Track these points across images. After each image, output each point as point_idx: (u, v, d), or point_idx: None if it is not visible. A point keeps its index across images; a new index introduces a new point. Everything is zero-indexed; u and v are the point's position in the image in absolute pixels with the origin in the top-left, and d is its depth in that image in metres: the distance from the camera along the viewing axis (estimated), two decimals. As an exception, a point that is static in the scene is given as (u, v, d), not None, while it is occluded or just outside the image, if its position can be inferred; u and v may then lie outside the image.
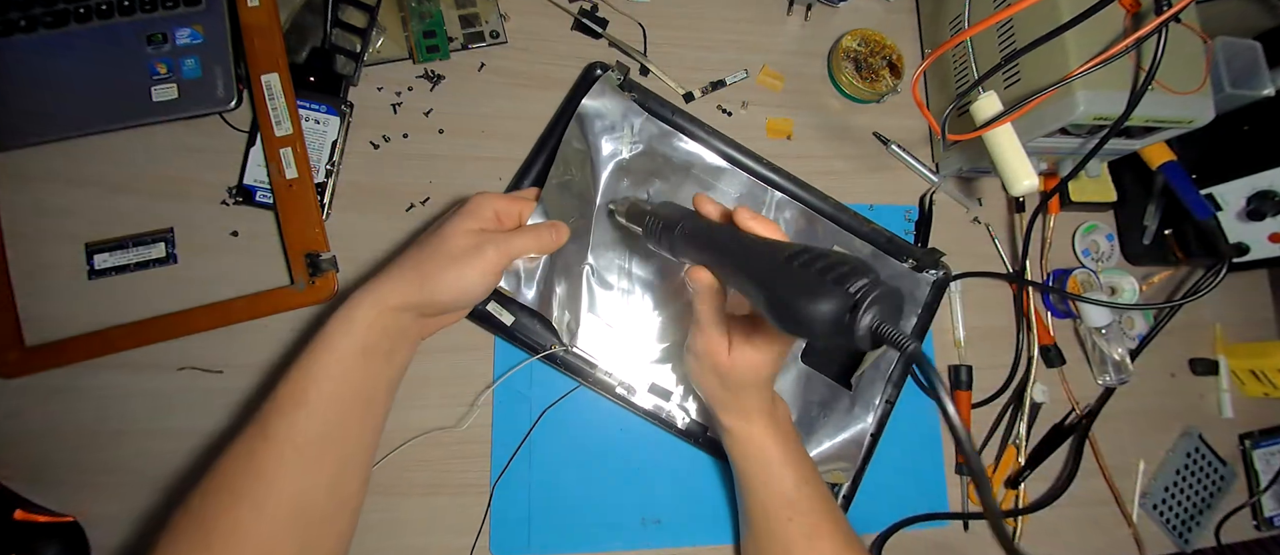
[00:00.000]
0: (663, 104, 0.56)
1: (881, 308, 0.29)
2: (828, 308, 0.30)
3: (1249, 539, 0.68)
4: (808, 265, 0.32)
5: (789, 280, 0.32)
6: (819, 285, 0.31)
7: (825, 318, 0.30)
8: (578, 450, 0.53)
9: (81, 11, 0.50)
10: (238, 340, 0.49)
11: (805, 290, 0.31)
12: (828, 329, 0.30)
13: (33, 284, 0.48)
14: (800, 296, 0.31)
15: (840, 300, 0.30)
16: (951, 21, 0.61)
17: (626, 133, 0.55)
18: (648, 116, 0.55)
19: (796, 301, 0.31)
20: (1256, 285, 0.74)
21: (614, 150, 0.54)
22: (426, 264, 0.44)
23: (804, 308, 0.30)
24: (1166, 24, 0.42)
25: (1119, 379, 0.62)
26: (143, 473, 0.47)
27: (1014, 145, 0.50)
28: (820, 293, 0.30)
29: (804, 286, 0.31)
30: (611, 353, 0.53)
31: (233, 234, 0.51)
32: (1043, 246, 0.64)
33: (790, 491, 0.46)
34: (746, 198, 0.57)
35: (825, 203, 0.58)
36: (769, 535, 0.47)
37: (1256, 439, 0.69)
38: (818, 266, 0.31)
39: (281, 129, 0.50)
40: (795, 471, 0.47)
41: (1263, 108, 0.58)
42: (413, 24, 0.55)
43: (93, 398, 0.48)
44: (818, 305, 0.30)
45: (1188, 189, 0.59)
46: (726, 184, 0.57)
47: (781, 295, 0.32)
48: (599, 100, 0.54)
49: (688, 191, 0.55)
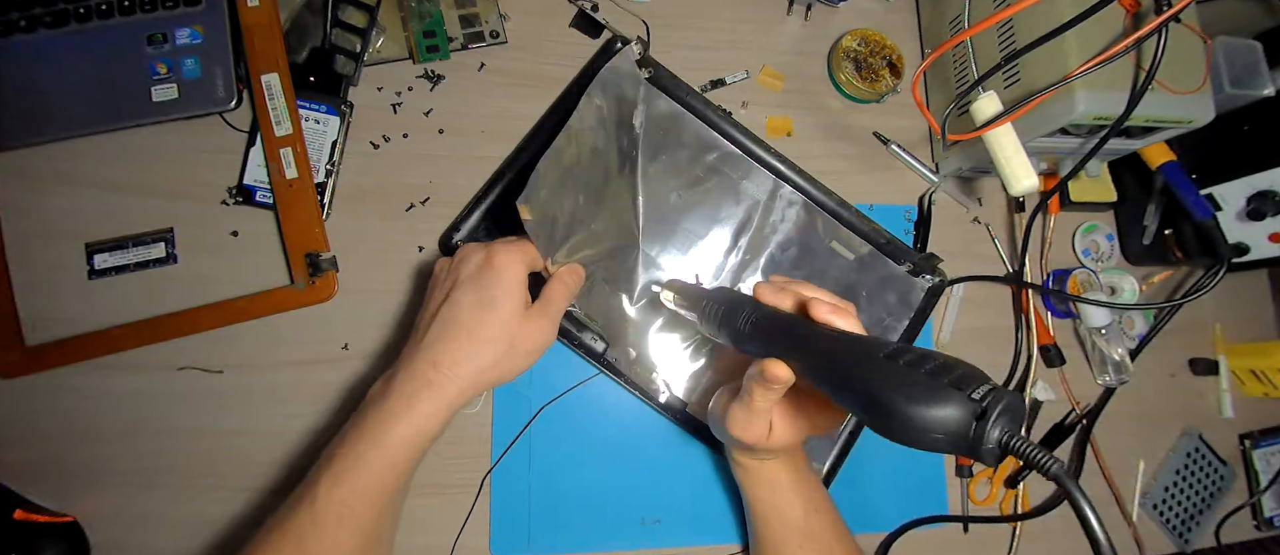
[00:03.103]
0: (677, 83, 0.55)
1: (1008, 418, 0.26)
2: (951, 416, 0.27)
3: (1249, 539, 0.68)
4: (915, 366, 0.29)
5: (896, 382, 0.29)
6: (935, 390, 0.27)
7: (948, 427, 0.27)
8: (577, 450, 0.53)
9: (81, 11, 0.50)
10: (238, 340, 0.49)
11: (919, 396, 0.28)
12: (949, 440, 0.27)
13: (33, 284, 0.48)
14: (914, 402, 0.27)
15: (964, 409, 0.26)
16: (951, 21, 0.61)
17: (639, 112, 0.54)
18: (661, 94, 0.54)
19: (909, 408, 0.28)
20: (1256, 285, 0.74)
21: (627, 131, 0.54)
22: (505, 361, 0.42)
23: (920, 415, 0.27)
24: (1166, 24, 0.42)
25: (1119, 379, 0.62)
26: (143, 473, 0.47)
27: (1014, 145, 0.50)
28: (938, 398, 0.27)
29: (917, 391, 0.28)
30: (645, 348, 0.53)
31: (233, 234, 0.51)
32: (1043, 246, 0.64)
33: (801, 520, 0.46)
34: (753, 187, 0.56)
35: (829, 197, 0.57)
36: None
37: (1256, 439, 0.69)
38: (928, 368, 0.28)
39: (281, 129, 0.50)
40: (806, 499, 0.46)
41: (1263, 108, 0.58)
42: (413, 24, 0.55)
43: (93, 398, 0.48)
44: (937, 412, 0.27)
45: (1187, 189, 0.59)
46: (732, 169, 0.56)
47: (888, 400, 0.28)
48: (617, 74, 0.53)
49: (692, 174, 0.55)
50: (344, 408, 0.50)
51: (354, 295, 0.52)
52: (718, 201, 0.56)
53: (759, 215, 0.56)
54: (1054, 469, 0.25)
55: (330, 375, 0.51)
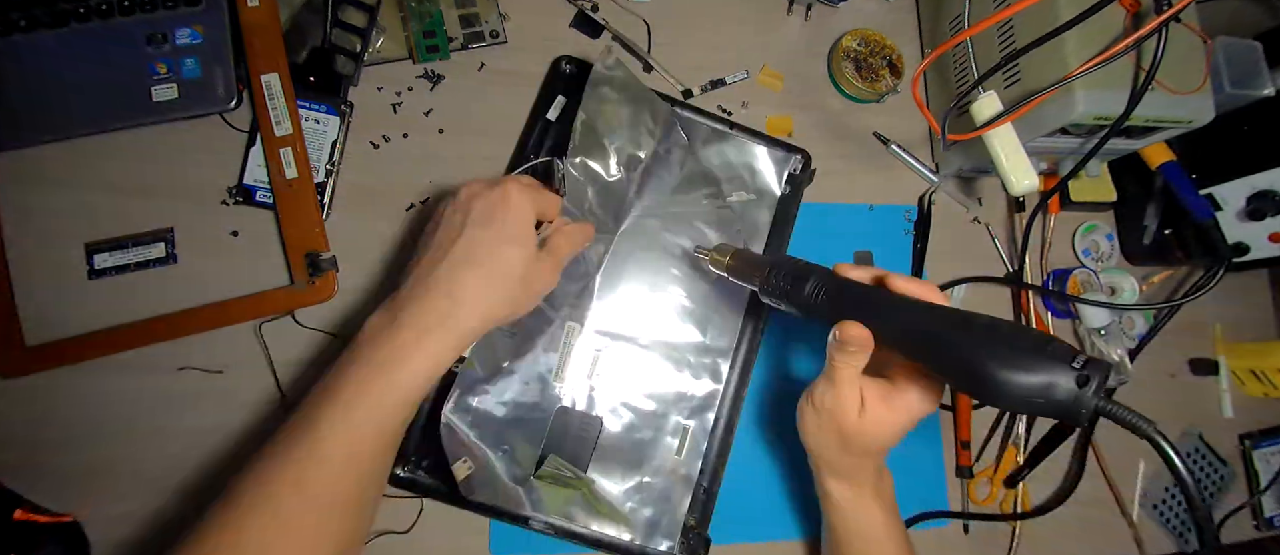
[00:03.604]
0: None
1: (1100, 385, 0.29)
2: (1057, 383, 0.30)
3: (1249, 539, 0.68)
4: (1016, 336, 0.32)
5: (1004, 351, 0.32)
6: (1041, 359, 0.30)
7: (1054, 394, 0.30)
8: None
9: (81, 11, 0.50)
10: (238, 340, 0.49)
11: (1026, 364, 0.31)
12: (1053, 405, 0.30)
13: (33, 284, 0.48)
14: (1021, 370, 0.31)
15: (1069, 377, 0.30)
16: (951, 21, 0.61)
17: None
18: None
19: (1017, 375, 0.31)
20: (1256, 285, 0.74)
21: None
22: (518, 299, 0.41)
23: (1027, 382, 0.30)
24: (1166, 24, 0.42)
25: (1118, 379, 0.62)
26: (143, 473, 0.47)
27: (1014, 145, 0.50)
28: (1045, 367, 0.30)
29: (1024, 359, 0.31)
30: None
31: (233, 234, 0.51)
32: (1043, 246, 0.64)
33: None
34: None
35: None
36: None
37: (1256, 439, 0.69)
38: (1027, 338, 0.32)
39: (281, 129, 0.50)
40: (896, 549, 0.46)
41: (1263, 108, 0.58)
42: (413, 24, 0.55)
43: (93, 398, 0.48)
44: (1043, 379, 0.30)
45: (1187, 189, 0.59)
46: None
47: (995, 368, 0.31)
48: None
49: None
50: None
51: (354, 295, 0.52)
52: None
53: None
54: (1149, 431, 0.28)
55: (330, 375, 0.51)
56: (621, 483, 0.51)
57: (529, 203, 0.42)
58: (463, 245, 0.40)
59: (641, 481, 0.51)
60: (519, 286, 0.41)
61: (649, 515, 0.50)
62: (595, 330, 0.53)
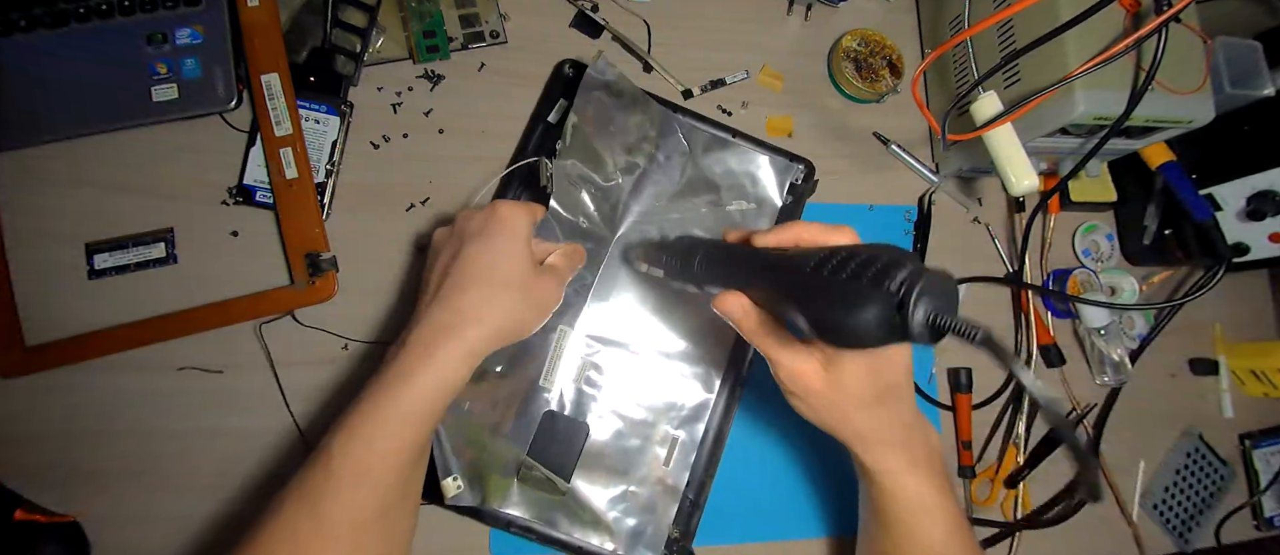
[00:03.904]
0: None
1: (931, 298, 0.26)
2: (872, 314, 0.27)
3: (1249, 539, 0.68)
4: (837, 270, 0.29)
5: (823, 293, 0.29)
6: (856, 291, 0.28)
7: (872, 325, 0.27)
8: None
9: (81, 11, 0.50)
10: (238, 340, 0.49)
11: (843, 300, 0.28)
12: (879, 336, 0.27)
13: (33, 284, 0.48)
14: (840, 308, 0.28)
15: (883, 302, 0.27)
16: (951, 21, 0.61)
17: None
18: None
19: (837, 314, 0.28)
20: (1256, 285, 0.74)
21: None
22: (523, 312, 0.41)
23: (847, 319, 0.28)
24: (1166, 24, 0.42)
25: (1117, 379, 0.62)
26: (143, 473, 0.47)
27: (1014, 145, 0.50)
28: (860, 299, 0.28)
29: (841, 296, 0.28)
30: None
31: (233, 234, 0.51)
32: (1042, 246, 0.64)
33: (939, 545, 0.41)
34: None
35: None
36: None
37: (1256, 439, 0.69)
38: (850, 269, 0.29)
39: (281, 129, 0.50)
40: (945, 521, 0.41)
41: (1263, 108, 0.58)
42: (413, 24, 0.55)
43: (93, 398, 0.48)
44: (861, 313, 0.27)
45: (1187, 189, 0.59)
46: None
47: (821, 311, 0.29)
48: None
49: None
50: (344, 407, 0.50)
51: (354, 295, 0.52)
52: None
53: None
54: (980, 336, 0.25)
55: (330, 375, 0.51)
56: (606, 491, 0.50)
57: (521, 216, 0.43)
58: (459, 262, 0.41)
59: (627, 490, 0.51)
60: (520, 297, 0.41)
61: (633, 525, 0.50)
62: (587, 335, 0.53)
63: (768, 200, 0.58)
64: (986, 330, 0.25)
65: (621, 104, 0.53)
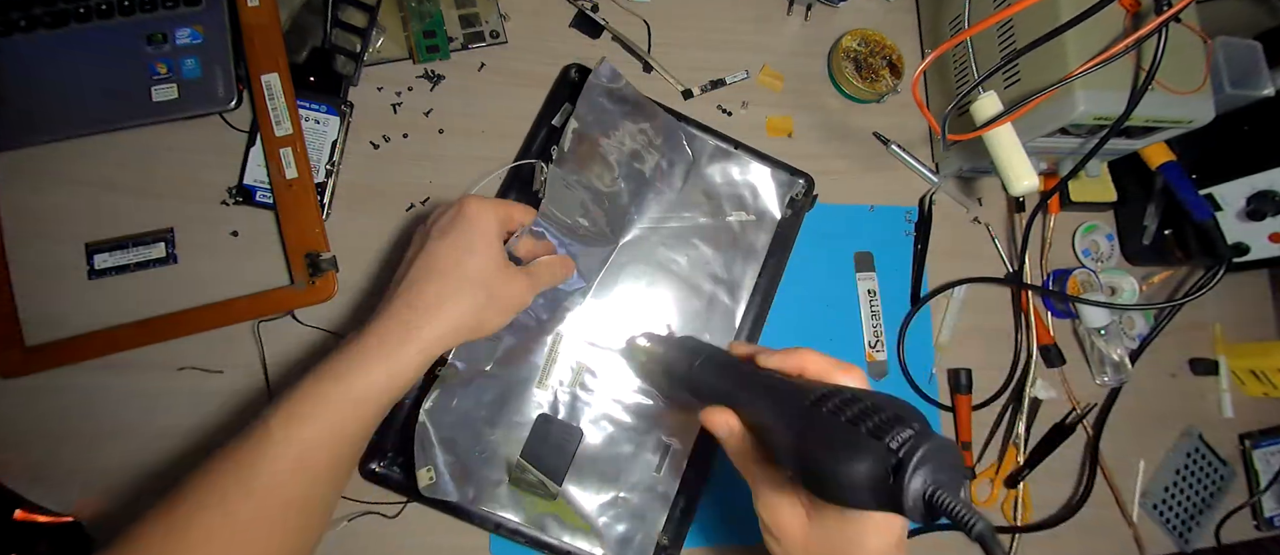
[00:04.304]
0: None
1: (931, 467, 0.23)
2: (864, 469, 0.24)
3: (1249, 539, 0.68)
4: (837, 411, 0.26)
5: (818, 431, 0.26)
6: (852, 439, 0.25)
7: (861, 482, 0.24)
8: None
9: (81, 11, 0.50)
10: (238, 340, 0.49)
11: (835, 444, 0.25)
12: (864, 497, 0.24)
13: (33, 284, 0.48)
14: (830, 452, 0.25)
15: (878, 458, 0.24)
16: (951, 21, 0.61)
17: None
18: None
19: (826, 460, 0.25)
20: (1256, 285, 0.74)
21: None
22: (484, 310, 0.41)
23: (835, 468, 0.24)
24: (1166, 24, 0.42)
25: (1117, 379, 0.62)
26: (143, 473, 0.47)
27: (1014, 145, 0.50)
28: (854, 448, 0.24)
29: (835, 440, 0.25)
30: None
31: (233, 234, 0.51)
32: (1043, 246, 0.64)
33: None
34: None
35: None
36: None
37: (1256, 439, 0.69)
38: (850, 413, 0.26)
39: (281, 129, 0.50)
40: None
41: (1263, 108, 0.58)
42: (413, 24, 0.55)
43: (93, 398, 0.48)
44: (852, 465, 0.24)
45: (1187, 189, 0.59)
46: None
47: (810, 451, 0.26)
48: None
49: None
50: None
51: (354, 295, 0.52)
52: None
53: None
54: (978, 528, 0.22)
55: (330, 375, 0.51)
56: (597, 496, 0.50)
57: (489, 213, 0.42)
58: (423, 257, 0.41)
59: (617, 497, 0.50)
60: (482, 295, 0.41)
61: (622, 531, 0.50)
62: (584, 340, 0.52)
63: (767, 212, 0.58)
64: (987, 524, 0.22)
65: (625, 110, 0.52)
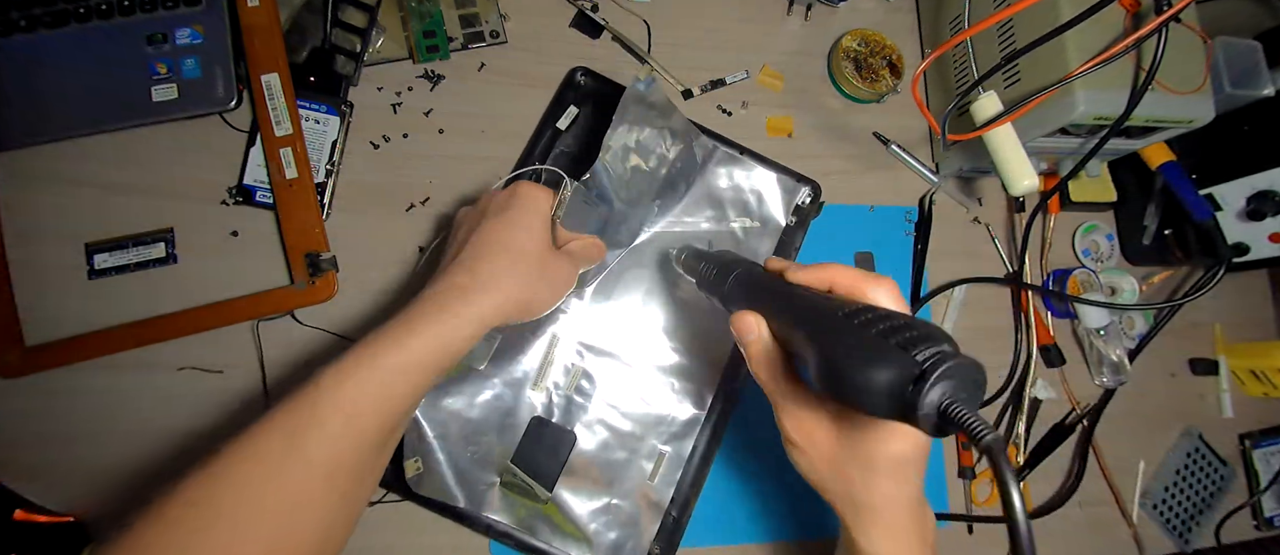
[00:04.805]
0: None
1: (954, 383, 0.24)
2: (886, 375, 0.25)
3: (1249, 539, 0.68)
4: (868, 324, 0.27)
5: (845, 338, 0.27)
6: (879, 347, 0.26)
7: (881, 385, 0.25)
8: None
9: (81, 11, 0.50)
10: (238, 340, 0.49)
11: (861, 352, 0.26)
12: (884, 400, 0.25)
13: (33, 284, 0.48)
14: (854, 358, 0.26)
15: (902, 368, 0.25)
16: (951, 21, 0.61)
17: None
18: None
19: (849, 363, 0.26)
20: (1256, 285, 0.74)
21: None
22: (536, 286, 0.41)
23: (857, 371, 0.26)
24: (1166, 24, 0.42)
25: (1116, 380, 0.62)
26: (143, 473, 0.47)
27: (1014, 145, 0.50)
28: (879, 356, 0.25)
29: (861, 347, 0.26)
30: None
31: (233, 234, 0.51)
32: (1042, 246, 0.64)
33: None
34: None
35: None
36: None
37: (1256, 439, 0.69)
38: (881, 326, 0.27)
39: (281, 129, 0.50)
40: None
41: (1263, 108, 0.58)
42: (413, 24, 0.55)
43: (93, 398, 0.48)
44: (875, 371, 0.25)
45: (1187, 189, 0.59)
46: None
47: (834, 355, 0.27)
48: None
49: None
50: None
51: (354, 295, 0.52)
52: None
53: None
54: (987, 439, 0.23)
55: (330, 375, 0.51)
56: (589, 502, 0.50)
57: (543, 198, 0.43)
58: (480, 233, 0.41)
59: (610, 503, 0.50)
60: (536, 274, 0.41)
61: (613, 538, 0.49)
62: (580, 343, 0.52)
63: (772, 219, 0.58)
64: (998, 437, 0.23)
65: (650, 117, 0.52)
